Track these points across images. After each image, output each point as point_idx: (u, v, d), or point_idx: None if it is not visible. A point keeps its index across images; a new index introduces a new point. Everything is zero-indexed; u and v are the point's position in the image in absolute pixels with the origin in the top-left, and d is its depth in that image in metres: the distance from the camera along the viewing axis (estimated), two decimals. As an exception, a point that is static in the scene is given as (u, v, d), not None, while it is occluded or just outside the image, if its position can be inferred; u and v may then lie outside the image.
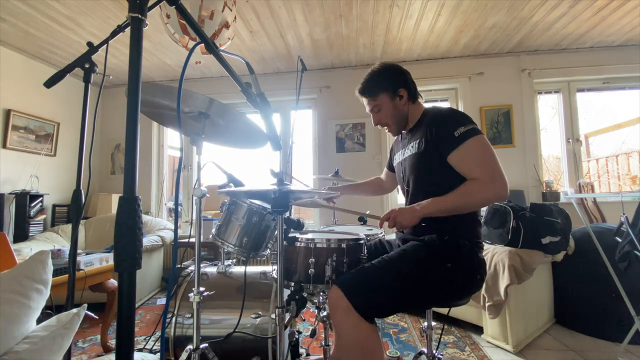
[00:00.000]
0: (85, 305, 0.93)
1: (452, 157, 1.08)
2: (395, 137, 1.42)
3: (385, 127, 1.32)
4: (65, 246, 2.40)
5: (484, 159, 1.04)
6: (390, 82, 1.25)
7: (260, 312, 1.39)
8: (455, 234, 1.09)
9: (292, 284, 1.15)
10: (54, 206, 3.34)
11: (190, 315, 1.39)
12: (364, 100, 1.31)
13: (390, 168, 1.56)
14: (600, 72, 3.22)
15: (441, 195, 1.06)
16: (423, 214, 1.05)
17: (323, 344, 1.51)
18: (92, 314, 1.61)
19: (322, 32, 2.87)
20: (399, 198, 3.40)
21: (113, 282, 1.94)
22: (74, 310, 0.90)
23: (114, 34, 0.91)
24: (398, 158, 1.35)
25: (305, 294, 1.08)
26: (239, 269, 1.60)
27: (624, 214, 1.78)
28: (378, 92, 1.25)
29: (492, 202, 1.08)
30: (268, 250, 1.41)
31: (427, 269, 1.05)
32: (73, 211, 1.01)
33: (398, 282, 1.02)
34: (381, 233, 1.44)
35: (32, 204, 3.00)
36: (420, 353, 1.41)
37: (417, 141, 1.19)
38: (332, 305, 1.00)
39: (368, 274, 1.03)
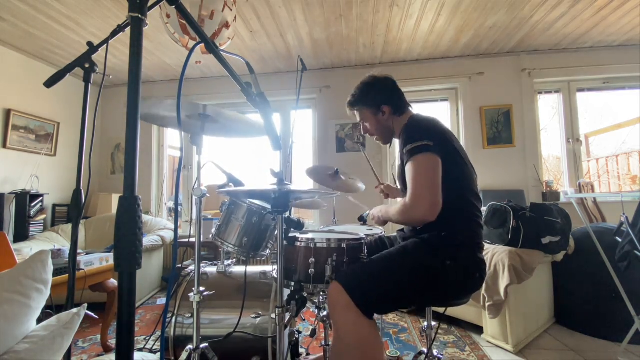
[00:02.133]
0: (86, 305, 0.93)
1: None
2: None
3: (374, 137, 1.38)
4: (66, 246, 2.40)
5: (414, 181, 1.05)
6: (372, 99, 1.28)
7: (260, 312, 1.39)
8: (456, 233, 1.10)
9: (292, 283, 1.15)
10: (54, 206, 3.34)
11: (190, 315, 1.39)
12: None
13: None
14: (601, 72, 3.22)
15: None
16: (383, 219, 1.24)
17: (323, 343, 1.51)
18: (92, 314, 1.62)
19: (322, 31, 2.87)
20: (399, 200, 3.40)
21: (113, 282, 1.94)
22: (74, 310, 0.90)
23: (114, 33, 0.91)
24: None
25: (305, 294, 1.09)
26: (239, 269, 1.60)
27: (624, 214, 1.78)
28: (361, 107, 1.31)
29: (420, 223, 1.12)
30: (268, 250, 1.41)
31: (426, 266, 1.06)
32: (73, 211, 1.01)
33: (398, 278, 1.03)
34: (381, 233, 1.44)
35: (32, 204, 3.00)
36: (420, 353, 1.41)
37: (399, 154, 1.23)
38: (331, 301, 1.01)
39: (368, 270, 1.04)
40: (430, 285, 1.06)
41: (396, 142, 1.31)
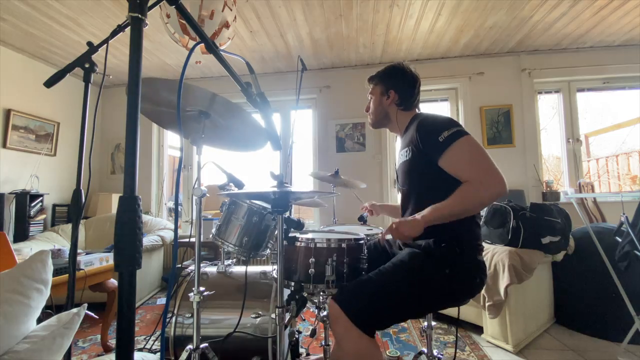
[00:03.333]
0: (86, 305, 0.93)
1: (442, 162, 1.08)
2: None
3: (368, 116, 1.39)
4: (66, 246, 2.40)
5: (472, 160, 1.03)
6: (387, 79, 1.31)
7: (260, 312, 1.39)
8: (453, 238, 1.08)
9: (292, 283, 1.15)
10: (54, 206, 3.34)
11: (190, 315, 1.39)
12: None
13: None
14: (600, 72, 3.22)
15: (435, 198, 1.04)
16: (425, 223, 1.00)
17: (323, 343, 1.51)
18: (92, 314, 1.62)
19: (322, 31, 2.87)
20: (398, 199, 3.40)
21: (113, 282, 1.94)
22: (74, 310, 0.90)
23: (114, 33, 0.91)
24: (396, 163, 1.37)
25: (305, 294, 1.09)
26: (239, 269, 1.60)
27: (624, 214, 1.78)
28: (376, 83, 1.34)
29: (490, 202, 1.02)
30: (268, 250, 1.41)
31: (424, 278, 1.04)
32: (73, 211, 1.01)
33: (396, 295, 1.01)
34: (381, 233, 1.44)
35: (32, 204, 3.00)
36: (420, 353, 1.41)
37: (406, 149, 1.21)
38: (332, 320, 1.00)
39: (365, 289, 1.02)
40: (430, 297, 1.05)
41: (391, 136, 1.31)
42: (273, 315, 1.03)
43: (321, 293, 1.15)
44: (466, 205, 1.01)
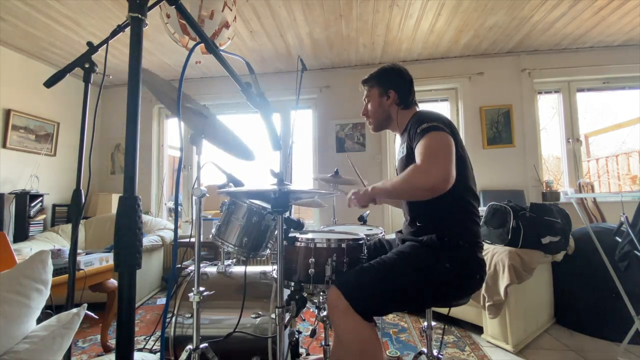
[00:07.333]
0: (85, 305, 0.93)
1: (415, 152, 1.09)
2: None
3: (368, 120, 1.39)
4: (65, 246, 2.40)
5: (430, 149, 1.02)
6: (385, 80, 1.32)
7: (260, 312, 1.39)
8: (454, 234, 1.09)
9: (292, 283, 1.15)
10: (54, 206, 3.34)
11: (190, 315, 1.39)
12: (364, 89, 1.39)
13: None
14: (600, 72, 3.22)
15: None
16: (373, 194, 1.11)
17: (323, 344, 1.51)
18: (92, 314, 1.62)
19: (322, 31, 2.87)
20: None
21: (113, 282, 1.94)
22: (74, 310, 0.90)
23: (114, 33, 0.91)
24: (396, 160, 1.38)
25: (305, 294, 1.09)
26: (239, 269, 1.60)
27: (624, 214, 1.78)
28: (373, 85, 1.34)
29: (428, 191, 1.00)
30: (268, 250, 1.41)
31: (425, 269, 1.05)
32: (73, 211, 1.01)
33: (396, 282, 1.02)
34: (381, 233, 1.44)
35: (32, 204, 3.00)
36: (420, 353, 1.41)
37: (403, 146, 1.24)
38: (330, 305, 1.01)
39: (366, 274, 1.03)
40: (430, 288, 1.06)
41: (391, 136, 1.31)
42: (273, 315, 1.03)
43: (321, 293, 1.15)
44: (406, 186, 1.03)
